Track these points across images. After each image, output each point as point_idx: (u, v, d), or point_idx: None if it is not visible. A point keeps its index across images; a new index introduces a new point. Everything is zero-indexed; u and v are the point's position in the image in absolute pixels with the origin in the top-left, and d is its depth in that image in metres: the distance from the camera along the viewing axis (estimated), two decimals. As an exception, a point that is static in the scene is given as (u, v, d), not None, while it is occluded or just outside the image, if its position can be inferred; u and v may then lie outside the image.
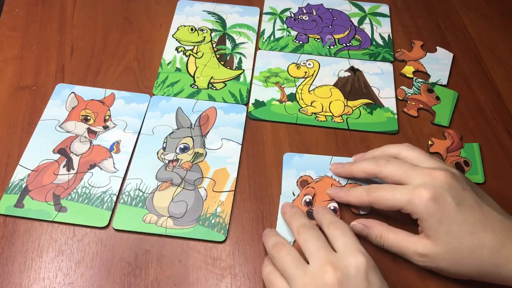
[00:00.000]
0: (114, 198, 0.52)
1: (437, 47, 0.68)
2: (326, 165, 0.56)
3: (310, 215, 0.51)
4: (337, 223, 0.46)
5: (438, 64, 0.66)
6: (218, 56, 0.67)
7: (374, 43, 0.69)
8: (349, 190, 0.51)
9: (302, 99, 0.62)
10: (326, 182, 0.54)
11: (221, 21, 0.71)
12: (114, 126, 0.58)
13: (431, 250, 0.45)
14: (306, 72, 0.65)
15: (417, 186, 0.45)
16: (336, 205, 0.52)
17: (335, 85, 0.64)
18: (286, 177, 0.54)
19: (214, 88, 0.63)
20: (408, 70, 0.66)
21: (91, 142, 0.57)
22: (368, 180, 0.53)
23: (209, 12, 0.72)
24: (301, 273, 0.42)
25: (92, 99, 0.61)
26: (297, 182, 0.54)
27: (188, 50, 0.67)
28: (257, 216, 0.52)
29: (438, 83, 0.64)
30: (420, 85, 0.64)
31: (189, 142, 0.57)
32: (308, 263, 0.43)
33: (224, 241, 0.50)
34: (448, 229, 0.44)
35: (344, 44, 0.69)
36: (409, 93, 0.63)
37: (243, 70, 0.65)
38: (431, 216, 0.44)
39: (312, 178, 0.54)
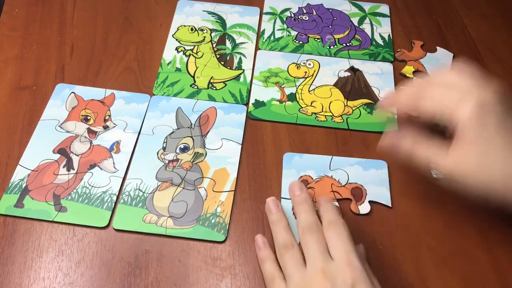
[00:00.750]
0: (114, 198, 0.52)
1: (437, 47, 0.68)
2: (326, 165, 0.56)
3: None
4: (335, 224, 0.45)
5: (438, 64, 0.66)
6: (218, 56, 0.67)
7: (374, 43, 0.69)
8: (398, 93, 0.52)
9: (302, 99, 0.62)
10: (326, 182, 0.54)
11: (221, 21, 0.71)
12: (114, 126, 0.58)
13: (462, 156, 0.44)
14: (306, 72, 0.65)
15: (467, 93, 0.45)
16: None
17: (335, 85, 0.64)
18: (286, 177, 0.54)
19: (214, 88, 0.63)
20: (408, 70, 0.66)
21: (91, 142, 0.57)
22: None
23: (209, 12, 0.72)
24: (298, 274, 0.43)
25: (92, 99, 0.61)
26: (297, 182, 0.54)
27: (188, 50, 0.67)
28: (257, 216, 0.52)
29: None
30: (420, 85, 0.64)
31: (189, 142, 0.57)
32: None
33: (224, 241, 0.50)
34: (485, 137, 0.43)
35: (344, 44, 0.69)
36: (409, 93, 0.63)
37: (243, 70, 0.65)
38: (472, 124, 0.43)
39: (312, 178, 0.54)
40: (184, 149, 0.57)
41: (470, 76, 0.47)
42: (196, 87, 0.63)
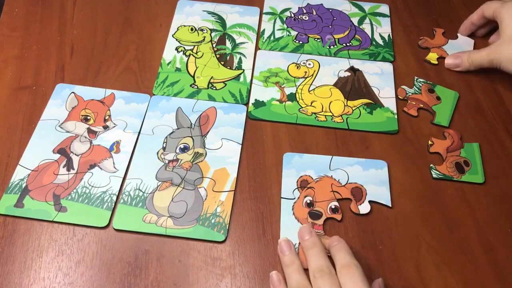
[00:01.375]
0: (114, 198, 0.52)
1: (458, 34, 0.70)
2: (326, 165, 0.56)
3: (312, 216, 0.51)
4: (348, 268, 0.44)
5: (461, 50, 0.68)
6: (218, 56, 0.67)
7: (374, 43, 0.69)
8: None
9: (302, 99, 0.62)
10: (326, 182, 0.54)
11: (221, 21, 0.71)
12: (114, 126, 0.58)
13: (499, 43, 0.61)
14: (306, 72, 0.65)
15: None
16: (337, 203, 0.52)
17: (335, 85, 0.64)
18: (286, 177, 0.54)
19: (214, 88, 0.63)
20: (432, 57, 0.67)
21: (91, 142, 0.57)
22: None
23: (209, 12, 0.72)
24: None
25: (92, 99, 0.61)
26: (297, 181, 0.54)
27: (188, 50, 0.67)
28: (257, 216, 0.52)
29: None
30: (421, 85, 0.64)
31: (189, 142, 0.57)
32: None
33: (224, 241, 0.50)
34: None
35: (344, 44, 0.69)
36: (409, 92, 0.63)
37: (243, 70, 0.65)
38: (507, 16, 0.61)
39: (312, 178, 0.54)
40: (184, 149, 0.57)
41: None
42: (196, 87, 0.63)
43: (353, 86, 0.64)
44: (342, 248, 0.46)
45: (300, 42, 0.69)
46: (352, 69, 0.66)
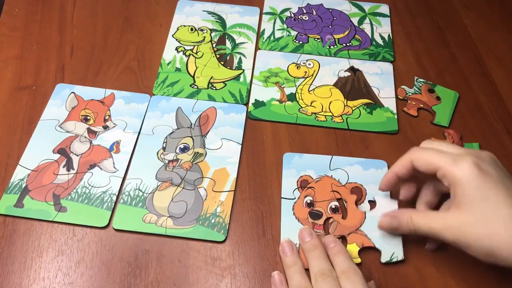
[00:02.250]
0: (114, 198, 0.52)
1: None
2: (326, 165, 0.56)
3: (313, 216, 0.51)
4: (348, 273, 0.44)
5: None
6: (218, 56, 0.67)
7: (374, 43, 0.69)
8: (392, 167, 0.50)
9: (302, 99, 0.62)
10: (326, 182, 0.54)
11: (221, 21, 0.71)
12: (114, 126, 0.58)
13: (462, 220, 0.42)
14: (306, 72, 0.65)
15: (463, 153, 0.45)
16: (337, 203, 0.52)
17: (335, 85, 0.64)
18: (286, 177, 0.54)
19: (214, 88, 0.63)
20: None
21: (91, 142, 0.57)
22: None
23: (209, 12, 0.72)
24: None
25: (92, 99, 0.61)
26: (297, 182, 0.54)
27: (188, 50, 0.67)
28: (257, 216, 0.52)
29: None
30: (421, 85, 0.64)
31: (189, 142, 0.57)
32: None
33: (224, 241, 0.50)
34: (485, 197, 0.42)
35: (344, 44, 0.69)
36: (409, 92, 0.63)
37: (243, 70, 0.65)
38: (469, 182, 0.42)
39: (312, 178, 0.54)
40: (184, 149, 0.57)
41: (458, 146, 0.48)
42: (196, 87, 0.63)
43: (353, 86, 0.64)
44: (339, 251, 0.46)
45: (300, 42, 0.69)
46: (352, 69, 0.66)
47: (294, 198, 0.53)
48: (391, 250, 0.49)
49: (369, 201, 0.53)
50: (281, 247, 0.48)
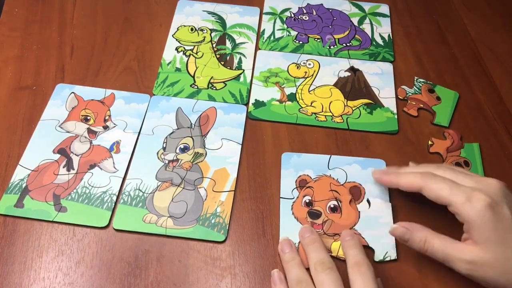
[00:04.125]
0: (114, 198, 0.52)
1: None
2: (325, 164, 0.56)
3: (312, 215, 0.51)
4: (361, 266, 0.44)
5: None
6: (218, 56, 0.67)
7: (374, 43, 0.69)
8: (400, 173, 0.49)
9: (302, 99, 0.62)
10: (325, 181, 0.54)
11: (221, 21, 0.71)
12: (114, 126, 0.58)
13: (480, 257, 0.42)
14: (306, 72, 0.65)
15: (476, 189, 0.44)
16: (335, 202, 0.52)
17: (335, 85, 0.64)
18: (284, 177, 0.54)
19: (214, 88, 0.63)
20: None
21: (91, 142, 0.57)
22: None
23: (209, 12, 0.72)
24: None
25: (92, 99, 0.61)
26: (295, 181, 0.54)
27: (188, 50, 0.67)
28: (257, 216, 0.52)
29: None
30: (421, 85, 0.64)
31: (189, 142, 0.57)
32: None
33: (224, 241, 0.50)
34: (501, 238, 0.42)
35: (344, 44, 0.69)
36: (409, 92, 0.63)
37: (243, 70, 0.65)
38: (485, 223, 0.42)
39: (310, 178, 0.54)
40: (184, 149, 0.57)
41: (469, 174, 0.47)
42: (196, 87, 0.63)
43: (353, 86, 0.64)
44: (355, 245, 0.46)
45: (300, 42, 0.69)
46: (352, 69, 0.66)
47: (293, 198, 0.53)
48: (385, 249, 0.49)
49: (367, 200, 0.53)
50: (279, 245, 0.49)
